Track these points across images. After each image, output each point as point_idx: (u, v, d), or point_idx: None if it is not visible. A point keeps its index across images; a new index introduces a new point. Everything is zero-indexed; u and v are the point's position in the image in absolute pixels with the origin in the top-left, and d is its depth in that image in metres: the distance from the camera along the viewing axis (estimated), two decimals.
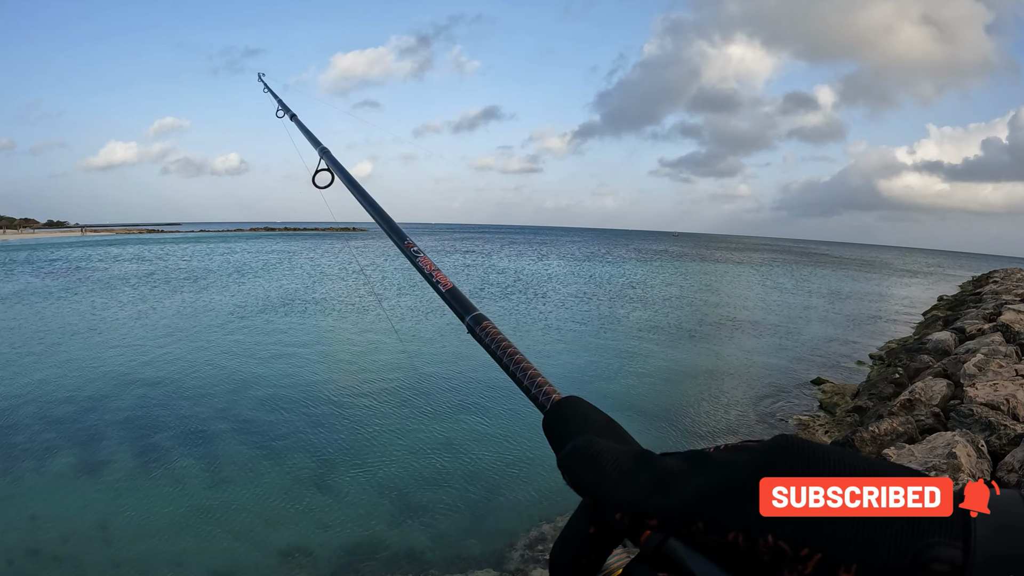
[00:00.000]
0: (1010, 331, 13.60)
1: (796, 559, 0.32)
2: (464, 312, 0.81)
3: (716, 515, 0.35)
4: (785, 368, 15.24)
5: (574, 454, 0.45)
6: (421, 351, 16.08)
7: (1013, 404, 7.77)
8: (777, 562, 0.33)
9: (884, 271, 67.59)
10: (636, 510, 0.39)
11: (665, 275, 45.21)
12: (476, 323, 0.78)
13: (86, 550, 6.52)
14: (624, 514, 0.40)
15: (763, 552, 0.34)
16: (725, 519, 0.35)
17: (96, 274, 35.78)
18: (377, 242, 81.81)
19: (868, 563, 0.31)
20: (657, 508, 0.38)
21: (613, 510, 0.40)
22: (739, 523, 0.34)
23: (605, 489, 0.41)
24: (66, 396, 11.61)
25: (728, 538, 0.35)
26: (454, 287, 0.87)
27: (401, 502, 7.65)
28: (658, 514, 0.38)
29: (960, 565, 0.30)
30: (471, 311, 0.80)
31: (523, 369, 0.66)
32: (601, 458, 0.43)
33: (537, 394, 0.61)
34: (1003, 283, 33.36)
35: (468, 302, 0.83)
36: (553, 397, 0.59)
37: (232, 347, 16.03)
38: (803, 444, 0.36)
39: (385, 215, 1.14)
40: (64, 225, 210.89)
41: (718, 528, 0.35)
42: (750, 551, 0.34)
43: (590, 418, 0.52)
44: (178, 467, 8.58)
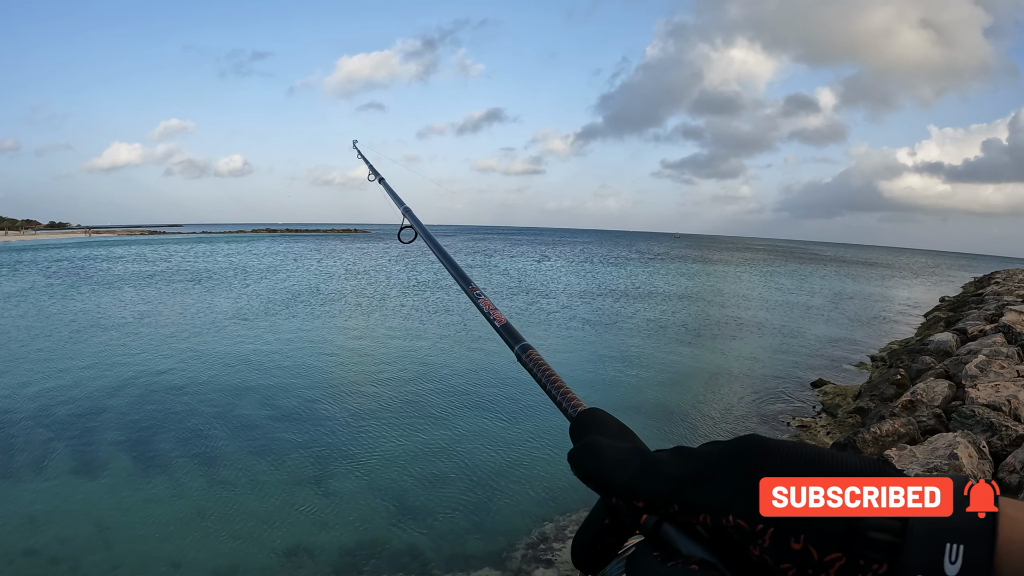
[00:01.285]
0: (1012, 332, 13.58)
1: (755, 534, 0.38)
2: (514, 342, 0.93)
3: (688, 498, 0.41)
4: (787, 370, 15.24)
5: (581, 448, 0.51)
6: (423, 353, 16.10)
7: (1015, 405, 7.77)
8: (742, 538, 0.38)
9: (886, 272, 67.49)
10: (626, 493, 0.45)
11: (667, 277, 45.19)
12: (523, 351, 0.89)
13: (84, 552, 6.53)
14: (618, 497, 0.46)
15: (730, 531, 0.39)
16: (695, 501, 0.41)
17: (99, 274, 35.86)
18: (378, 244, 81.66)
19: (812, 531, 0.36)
20: (642, 491, 0.44)
21: (609, 494, 0.47)
22: (705, 505, 0.40)
23: (603, 475, 0.47)
24: (66, 396, 11.65)
25: (699, 519, 0.40)
26: (508, 323, 1.00)
27: (403, 502, 7.66)
28: (643, 496, 0.44)
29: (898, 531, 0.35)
30: (520, 341, 0.91)
31: (557, 387, 0.76)
32: (602, 451, 0.49)
33: (567, 407, 0.71)
34: (1005, 284, 33.31)
35: (518, 334, 0.94)
36: (579, 408, 0.68)
37: (232, 348, 16.06)
38: (769, 441, 0.41)
39: (455, 264, 1.36)
40: (66, 226, 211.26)
41: (690, 509, 0.41)
42: (717, 530, 0.40)
43: (606, 424, 0.60)
44: (178, 468, 8.59)
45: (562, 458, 4.75)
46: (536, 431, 10.05)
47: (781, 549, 0.37)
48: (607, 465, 0.48)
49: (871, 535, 0.35)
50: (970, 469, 5.97)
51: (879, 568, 0.34)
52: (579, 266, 52.84)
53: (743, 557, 0.40)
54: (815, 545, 0.36)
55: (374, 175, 2.74)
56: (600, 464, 0.48)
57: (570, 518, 7.18)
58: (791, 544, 0.36)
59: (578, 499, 7.60)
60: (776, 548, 0.37)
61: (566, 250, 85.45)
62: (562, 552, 6.51)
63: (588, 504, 7.50)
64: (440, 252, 1.46)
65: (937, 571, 0.32)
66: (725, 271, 55.58)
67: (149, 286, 30.27)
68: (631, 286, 35.56)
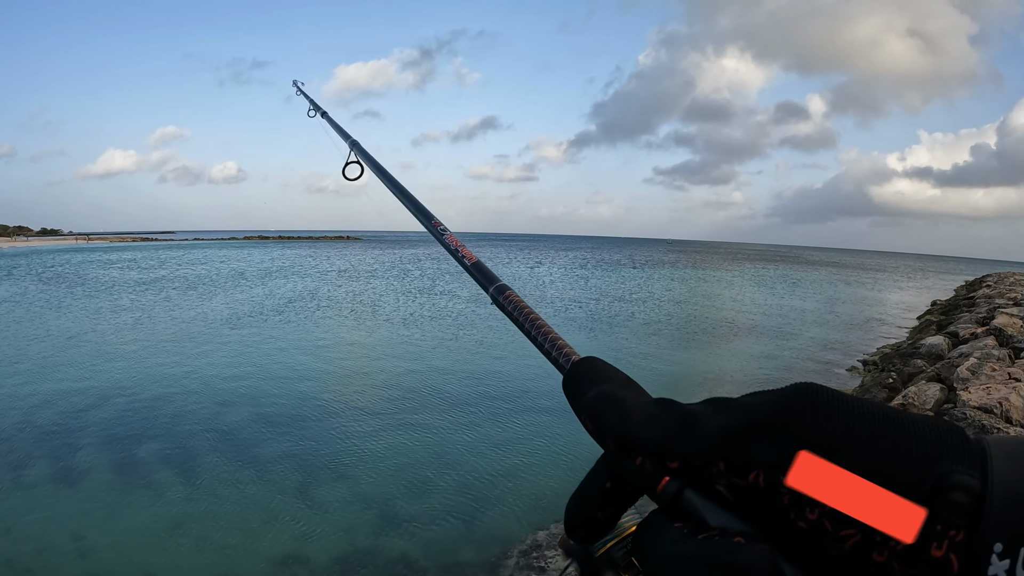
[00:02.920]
0: (1003, 334, 13.65)
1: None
2: (488, 283, 0.84)
3: (737, 454, 0.35)
4: (778, 374, 15.26)
5: (597, 400, 0.44)
6: (412, 360, 16.04)
7: (1006, 407, 7.79)
8: (799, 500, 0.33)
9: (877, 276, 67.82)
10: (659, 451, 0.39)
11: (659, 282, 45.28)
12: (500, 292, 0.80)
13: (60, 562, 6.40)
14: (646, 456, 0.39)
15: (784, 492, 0.33)
16: (747, 457, 0.35)
17: (91, 281, 35.60)
18: (373, 251, 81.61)
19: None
20: (680, 448, 0.38)
21: (636, 453, 0.40)
22: (760, 461, 0.34)
23: (629, 431, 0.41)
24: (48, 403, 11.51)
25: (749, 479, 0.34)
26: (478, 260, 0.91)
27: (394, 510, 7.60)
28: (680, 454, 0.37)
29: (978, 493, 0.30)
30: (495, 282, 0.83)
31: (544, 333, 0.67)
32: (624, 403, 0.43)
33: (557, 356, 0.62)
34: (996, 287, 33.51)
35: (492, 274, 0.86)
36: (573, 358, 0.60)
37: (220, 355, 15.95)
38: (822, 389, 0.35)
39: (414, 199, 1.22)
40: (58, 233, 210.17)
41: (739, 468, 0.35)
42: (770, 491, 0.34)
43: (609, 374, 0.51)
44: (161, 477, 8.47)
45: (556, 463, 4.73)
46: (528, 436, 10.01)
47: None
48: (633, 419, 0.41)
49: (954, 497, 0.30)
50: None
51: (955, 535, 0.30)
52: (571, 272, 52.87)
53: (782, 525, 0.34)
54: None
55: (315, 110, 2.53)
56: (624, 418, 0.41)
57: (562, 525, 7.11)
58: None
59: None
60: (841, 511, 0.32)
61: (559, 256, 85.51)
62: (555, 560, 6.47)
63: None
64: (394, 186, 1.33)
65: (1017, 539, 0.28)
66: (716, 276, 55.73)
67: (138, 293, 30.06)
68: (623, 292, 35.60)
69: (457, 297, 29.59)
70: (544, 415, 10.99)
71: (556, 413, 10.83)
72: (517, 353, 16.34)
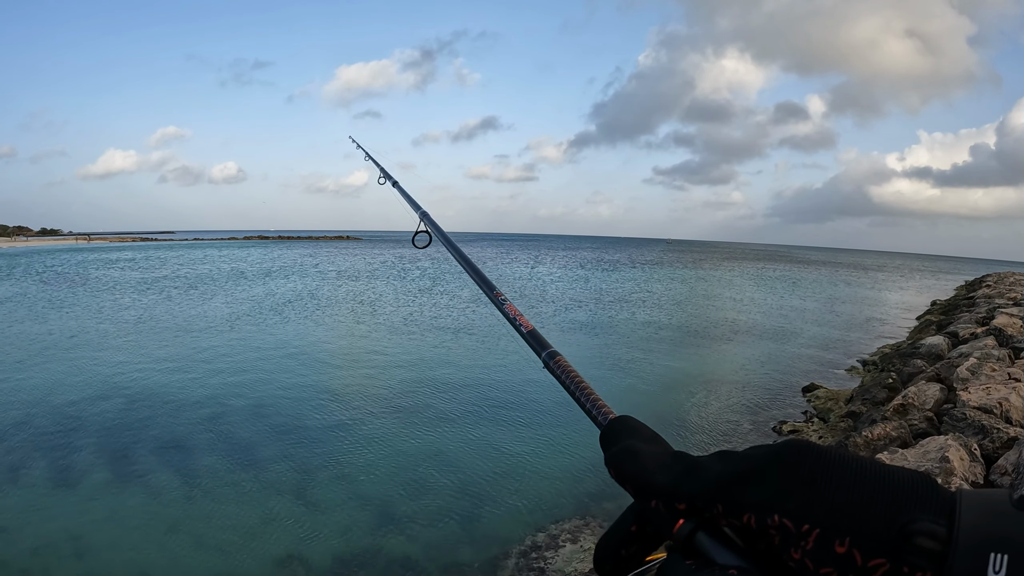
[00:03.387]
0: (1003, 335, 13.64)
1: (799, 535, 0.38)
2: (541, 349, 0.91)
3: (733, 497, 0.41)
4: (779, 375, 15.26)
5: (620, 452, 0.52)
6: (413, 360, 16.05)
7: (1006, 407, 7.78)
8: (785, 540, 0.38)
9: (876, 276, 67.83)
10: (668, 494, 0.45)
11: (658, 282, 45.28)
12: (551, 358, 0.87)
13: (56, 562, 6.40)
14: (658, 499, 0.46)
15: (773, 532, 0.39)
16: (740, 500, 0.41)
17: (91, 280, 35.58)
18: (373, 251, 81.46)
19: (859, 535, 0.35)
20: (686, 491, 0.44)
21: (650, 495, 0.47)
22: (750, 504, 0.40)
23: (644, 478, 0.48)
24: (47, 403, 11.53)
25: (743, 520, 0.41)
26: (534, 329, 0.98)
27: (394, 511, 7.60)
28: (686, 497, 0.44)
29: (944, 539, 0.34)
30: (547, 348, 0.90)
31: (587, 395, 0.75)
32: (641, 454, 0.50)
33: (596, 414, 0.71)
34: (996, 287, 33.51)
35: (545, 340, 0.93)
36: (610, 416, 0.68)
37: (218, 354, 15.95)
38: (811, 446, 0.41)
39: (478, 270, 1.30)
40: (58, 233, 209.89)
41: (734, 509, 0.41)
42: (761, 531, 0.40)
43: (638, 430, 0.59)
44: (159, 477, 8.47)
45: (556, 466, 4.76)
46: (528, 437, 10.01)
47: (824, 552, 0.36)
48: (648, 467, 0.48)
49: (919, 542, 0.34)
50: (961, 472, 5.96)
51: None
52: (571, 272, 52.87)
53: (779, 565, 0.40)
54: (860, 549, 0.35)
55: (385, 178, 2.60)
56: (641, 466, 0.49)
57: (562, 527, 7.13)
58: (835, 547, 0.36)
59: (570, 508, 7.57)
60: (819, 550, 0.37)
61: (558, 256, 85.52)
62: (554, 561, 6.47)
63: (581, 513, 7.50)
64: (462, 258, 1.41)
65: None
66: (716, 276, 55.73)
67: (139, 293, 30.04)
68: (622, 292, 35.61)
69: (457, 297, 29.59)
70: (544, 416, 10.99)
71: (555, 415, 10.83)
72: (516, 355, 16.31)
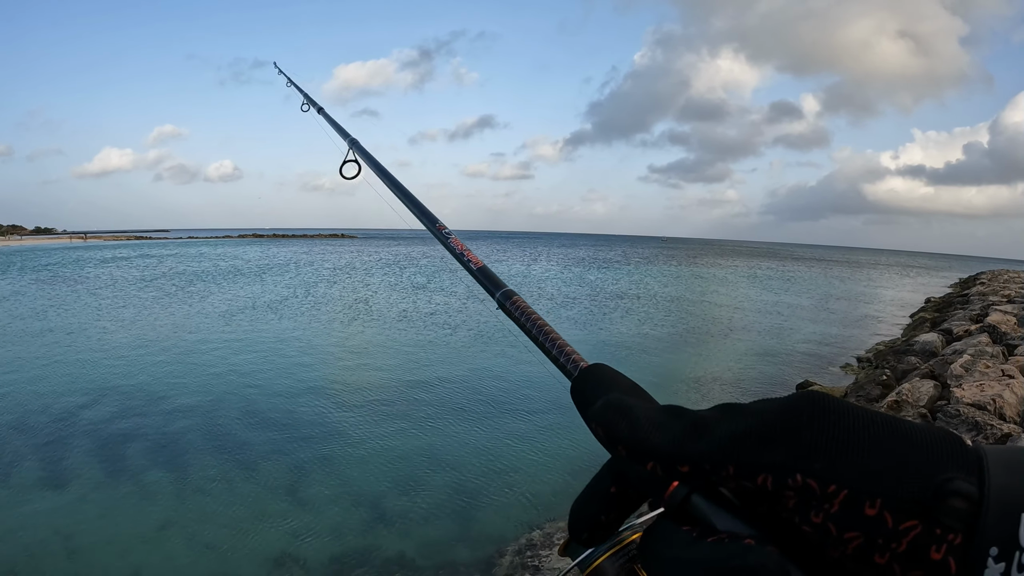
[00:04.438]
0: (997, 332, 13.69)
1: (824, 497, 0.34)
2: (494, 288, 0.84)
3: (746, 458, 0.36)
4: (773, 372, 15.28)
5: (606, 408, 0.45)
6: (406, 356, 16.01)
7: (1000, 404, 7.81)
8: (804, 503, 0.34)
9: (871, 273, 68.03)
10: (670, 456, 0.40)
11: (652, 280, 45.30)
12: (506, 298, 0.80)
13: (48, 562, 6.36)
14: (657, 461, 0.40)
15: (790, 494, 0.35)
16: (755, 461, 0.36)
17: (85, 280, 35.41)
18: (369, 248, 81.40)
19: (892, 497, 0.32)
20: (690, 453, 0.39)
21: (647, 458, 0.41)
22: (768, 464, 0.36)
23: (639, 438, 0.42)
24: (38, 402, 11.44)
25: (757, 481, 0.36)
26: (484, 265, 0.90)
27: (388, 510, 7.57)
28: (691, 459, 0.39)
29: (976, 499, 0.31)
30: (501, 287, 0.82)
31: (552, 340, 0.67)
32: (633, 411, 0.43)
33: (565, 362, 0.63)
34: (990, 284, 33.66)
35: (498, 279, 0.85)
36: (580, 364, 0.61)
37: (211, 352, 15.86)
38: (829, 397, 0.37)
39: (416, 200, 1.19)
40: (52, 232, 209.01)
41: (748, 471, 0.36)
42: (777, 494, 0.35)
43: (616, 381, 0.52)
44: (152, 477, 8.41)
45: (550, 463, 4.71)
46: (522, 434, 9.99)
47: (852, 515, 0.33)
48: (643, 426, 0.42)
49: (953, 503, 0.31)
50: None
51: (954, 539, 0.31)
52: (567, 269, 52.87)
53: (788, 529, 0.36)
54: (892, 511, 0.32)
55: (309, 104, 2.41)
56: (634, 425, 0.42)
57: (556, 525, 7.10)
58: (865, 509, 0.33)
59: (566, 506, 7.43)
60: (846, 513, 0.33)
61: (554, 254, 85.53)
62: (548, 559, 6.46)
63: None
64: (395, 186, 1.30)
65: (1012, 543, 0.30)
66: (711, 273, 55.81)
67: (133, 290, 29.90)
68: (619, 289, 35.60)
69: (453, 294, 29.57)
70: (539, 413, 10.97)
71: (550, 411, 10.82)
72: (512, 351, 16.32)
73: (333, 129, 1.96)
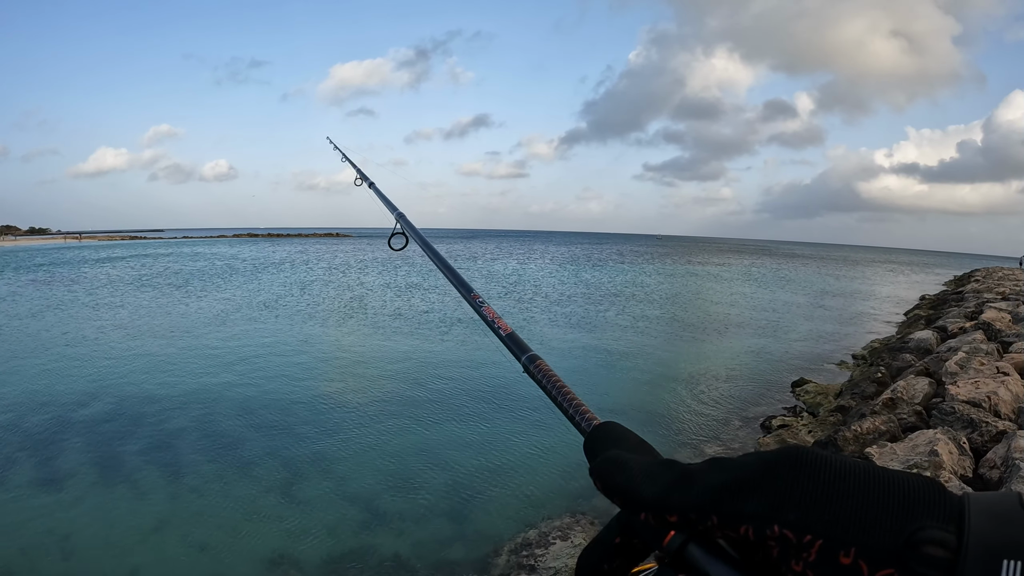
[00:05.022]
0: (991, 329, 13.73)
1: (800, 547, 0.35)
2: (520, 353, 0.89)
3: (727, 508, 0.38)
4: (768, 369, 15.28)
5: (605, 462, 0.48)
6: (400, 356, 15.98)
7: (994, 401, 7.82)
8: (785, 553, 0.36)
9: (865, 271, 68.18)
10: (658, 506, 0.42)
11: (647, 278, 45.33)
12: (531, 362, 0.85)
13: (43, 562, 6.33)
14: (648, 511, 0.43)
15: (772, 544, 0.37)
16: (737, 512, 0.38)
17: (81, 280, 35.26)
18: (363, 248, 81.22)
19: (865, 546, 0.33)
20: (676, 503, 0.41)
21: (639, 508, 0.43)
22: (748, 515, 0.38)
23: (631, 489, 0.44)
24: (34, 403, 11.37)
25: (740, 532, 0.38)
26: (513, 332, 0.96)
27: (383, 509, 7.56)
28: (678, 509, 0.41)
29: (954, 548, 0.32)
30: (527, 351, 0.87)
31: (569, 400, 0.73)
32: (628, 464, 0.46)
33: (580, 420, 0.68)
34: (984, 281, 33.78)
35: (524, 344, 0.91)
36: (594, 422, 0.65)
37: (207, 352, 15.83)
38: (810, 452, 0.38)
39: (455, 272, 1.30)
40: (47, 232, 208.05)
41: (730, 521, 0.38)
42: (759, 544, 0.37)
43: (624, 437, 0.56)
44: (147, 477, 8.37)
45: (546, 462, 4.72)
46: (518, 434, 9.98)
47: (828, 564, 0.34)
48: (636, 478, 0.44)
49: (927, 551, 0.32)
50: (950, 466, 5.98)
51: None
52: (563, 267, 52.89)
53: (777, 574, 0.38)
54: (867, 560, 0.33)
55: (362, 179, 2.65)
56: (628, 477, 0.45)
57: (552, 524, 7.10)
58: (840, 558, 0.34)
59: (560, 505, 7.54)
60: (822, 562, 0.35)
61: (548, 252, 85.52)
62: (544, 558, 6.44)
63: (571, 510, 7.48)
64: (438, 259, 1.41)
65: None
66: (706, 271, 55.88)
67: (129, 291, 29.78)
68: (611, 288, 35.62)
69: (448, 294, 29.52)
70: (533, 413, 10.96)
71: (545, 412, 10.78)
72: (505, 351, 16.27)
73: (383, 203, 2.13)
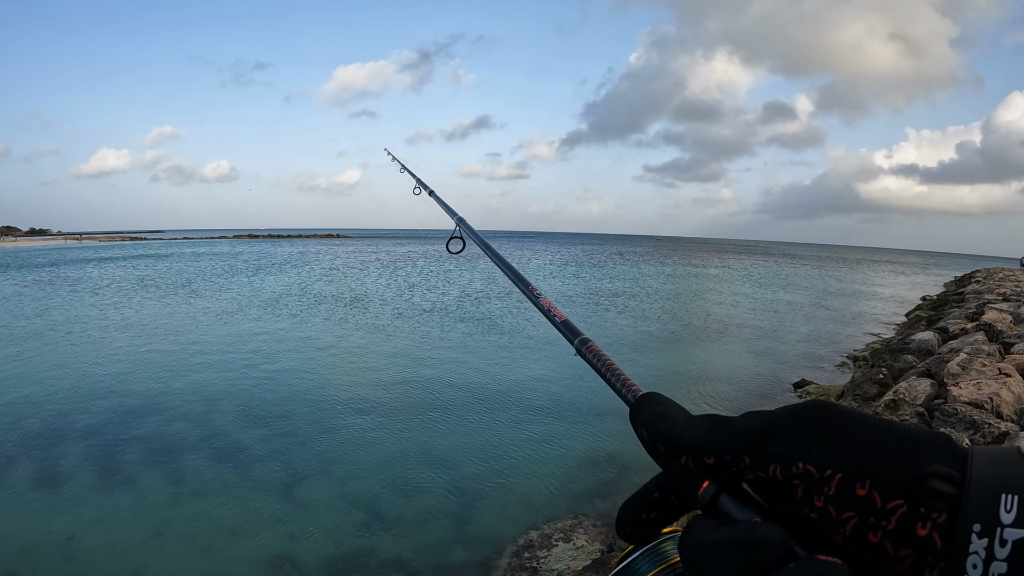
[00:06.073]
0: (993, 330, 13.70)
1: (822, 481, 0.39)
2: (573, 337, 0.92)
3: (760, 450, 0.43)
4: (769, 371, 15.27)
5: (651, 416, 0.52)
6: (401, 357, 15.96)
7: (996, 402, 7.81)
8: (808, 490, 0.40)
9: (866, 272, 68.15)
10: (697, 448, 0.46)
11: (648, 279, 45.30)
12: (583, 344, 0.89)
13: (45, 564, 6.32)
14: (689, 454, 0.46)
15: (796, 483, 0.41)
16: (766, 452, 0.42)
17: (80, 281, 35.25)
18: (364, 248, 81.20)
19: (879, 478, 0.38)
20: (714, 445, 0.45)
21: (680, 452, 0.47)
22: (776, 455, 0.42)
23: (675, 435, 0.48)
24: (34, 405, 11.37)
25: (769, 471, 0.42)
26: (567, 319, 1.00)
27: (384, 511, 7.54)
28: (715, 451, 0.45)
29: (959, 482, 0.36)
30: (579, 335, 0.91)
31: (617, 376, 0.76)
32: (672, 416, 0.50)
33: (627, 392, 0.71)
34: (985, 283, 33.75)
35: (576, 328, 0.95)
36: (639, 393, 0.67)
37: (207, 354, 15.80)
38: (833, 404, 0.43)
39: (514, 269, 1.35)
40: (47, 233, 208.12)
41: (761, 462, 0.42)
42: (786, 483, 0.41)
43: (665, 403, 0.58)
44: (148, 478, 8.36)
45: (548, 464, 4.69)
46: (520, 435, 9.97)
47: (846, 496, 0.38)
48: (680, 426, 0.49)
49: (934, 484, 0.36)
50: None
51: (938, 517, 0.36)
52: (563, 268, 52.88)
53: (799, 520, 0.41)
54: (880, 491, 0.37)
55: (421, 188, 2.70)
56: (673, 426, 0.49)
57: (555, 526, 7.09)
58: (856, 490, 0.38)
59: (563, 507, 7.54)
60: (841, 495, 0.38)
61: (548, 252, 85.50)
62: (547, 560, 6.43)
63: (574, 512, 7.47)
64: (498, 258, 1.44)
65: (993, 520, 0.34)
66: (707, 272, 55.86)
67: (128, 292, 29.77)
68: (612, 289, 35.58)
69: (447, 294, 29.52)
70: (536, 414, 10.95)
71: (549, 411, 10.80)
72: (509, 351, 16.32)
73: (443, 208, 2.17)
